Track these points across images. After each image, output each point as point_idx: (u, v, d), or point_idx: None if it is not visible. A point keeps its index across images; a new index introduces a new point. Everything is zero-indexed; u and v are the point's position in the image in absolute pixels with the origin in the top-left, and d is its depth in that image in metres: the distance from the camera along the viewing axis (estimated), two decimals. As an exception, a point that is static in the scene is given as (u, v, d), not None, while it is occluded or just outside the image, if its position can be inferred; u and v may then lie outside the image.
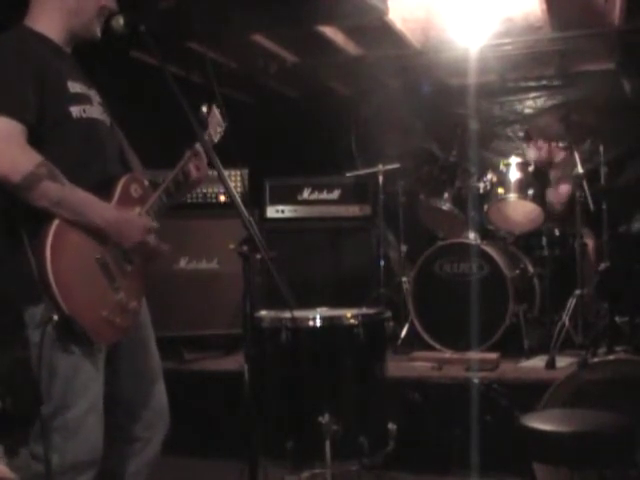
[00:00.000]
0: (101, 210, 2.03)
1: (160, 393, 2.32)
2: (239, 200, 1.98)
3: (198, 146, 2.32)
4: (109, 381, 2.12)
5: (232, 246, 2.00)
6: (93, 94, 2.19)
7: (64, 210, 1.94)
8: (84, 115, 2.09)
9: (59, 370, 1.97)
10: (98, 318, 1.98)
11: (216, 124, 2.45)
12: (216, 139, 2.46)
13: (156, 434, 2.30)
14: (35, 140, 1.96)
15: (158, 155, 2.84)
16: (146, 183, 2.26)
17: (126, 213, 2.11)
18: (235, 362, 3.85)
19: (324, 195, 5.00)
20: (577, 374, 2.78)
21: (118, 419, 2.20)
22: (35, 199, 1.90)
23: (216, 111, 2.45)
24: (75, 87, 2.10)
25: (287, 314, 2.44)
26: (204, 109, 2.39)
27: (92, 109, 2.14)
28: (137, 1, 2.40)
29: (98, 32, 2.19)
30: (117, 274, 2.06)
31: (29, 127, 1.94)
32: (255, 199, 4.84)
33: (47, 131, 2.00)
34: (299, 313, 2.48)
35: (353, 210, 4.99)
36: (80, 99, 2.10)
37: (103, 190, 2.08)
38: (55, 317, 1.88)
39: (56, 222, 1.92)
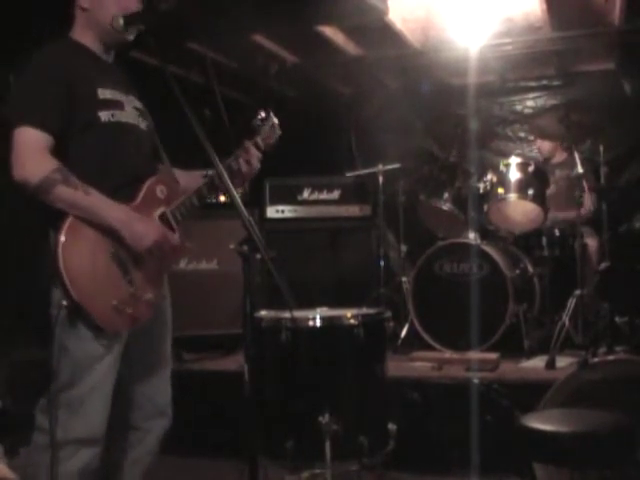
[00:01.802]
0: (114, 212, 2.14)
1: (164, 389, 2.41)
2: (239, 200, 1.99)
3: (247, 143, 2.46)
4: (121, 370, 2.22)
5: (232, 246, 2.01)
6: (129, 100, 2.31)
7: (78, 211, 2.09)
8: (112, 119, 2.22)
9: (69, 350, 2.09)
10: (108, 307, 2.09)
11: (270, 131, 2.57)
12: (268, 147, 2.56)
13: (155, 427, 2.38)
14: (64, 143, 2.12)
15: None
16: (172, 184, 2.37)
17: (141, 216, 2.20)
18: (235, 362, 3.85)
19: (324, 195, 5.00)
20: (577, 374, 2.78)
21: (119, 406, 2.26)
22: (52, 201, 2.07)
23: (273, 119, 2.57)
24: (105, 93, 2.22)
25: (287, 314, 2.44)
26: (262, 114, 2.47)
27: (122, 114, 2.26)
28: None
29: (125, 35, 2.27)
30: (132, 267, 2.18)
31: (54, 135, 2.10)
32: (255, 199, 4.83)
33: (76, 134, 2.15)
34: (299, 313, 2.48)
35: (353, 210, 5.00)
36: (109, 104, 2.22)
37: (127, 190, 2.21)
38: (64, 302, 2.03)
39: (70, 219, 2.08)
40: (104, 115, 2.20)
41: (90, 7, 2.25)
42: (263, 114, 2.53)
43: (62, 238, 2.05)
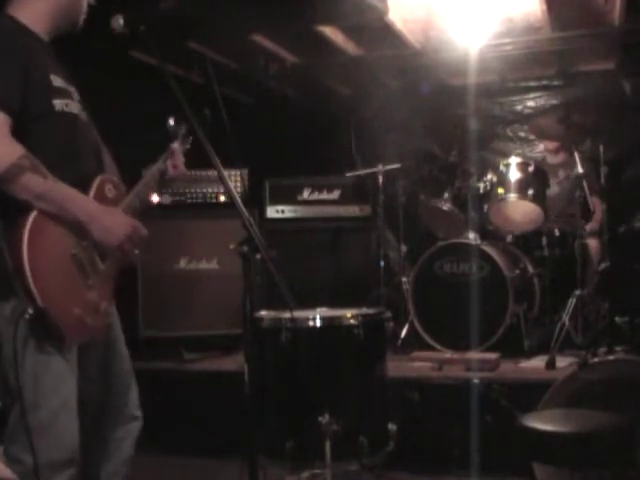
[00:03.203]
0: (84, 204, 2.02)
1: (131, 394, 2.32)
2: (239, 200, 1.99)
3: (174, 145, 2.37)
4: (79, 384, 2.09)
5: (232, 246, 2.00)
6: (73, 90, 2.17)
7: (46, 203, 1.92)
8: (66, 109, 2.08)
9: (29, 367, 1.93)
10: (70, 315, 1.95)
11: (185, 137, 2.48)
12: (184, 151, 2.48)
13: (129, 434, 2.30)
14: (19, 131, 1.93)
15: (157, 155, 2.84)
16: (119, 184, 2.25)
17: (110, 209, 2.10)
18: (235, 362, 3.85)
19: (324, 195, 5.00)
20: (577, 374, 2.78)
21: (89, 422, 2.18)
22: (17, 191, 1.89)
23: (184, 124, 2.45)
24: (57, 81, 2.08)
25: (287, 314, 2.44)
26: (172, 120, 2.41)
27: (73, 104, 2.13)
28: (137, 1, 2.40)
29: (79, 26, 2.20)
30: (90, 272, 2.04)
31: (14, 118, 1.92)
32: (255, 199, 4.84)
33: (31, 123, 1.97)
34: (299, 313, 2.47)
35: (353, 210, 5.00)
36: (62, 93, 2.09)
37: (78, 188, 2.05)
38: (30, 310, 1.85)
39: (34, 214, 1.90)
40: (58, 104, 2.04)
41: None
42: (173, 120, 2.42)
43: (26, 236, 1.85)
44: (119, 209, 2.15)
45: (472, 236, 4.43)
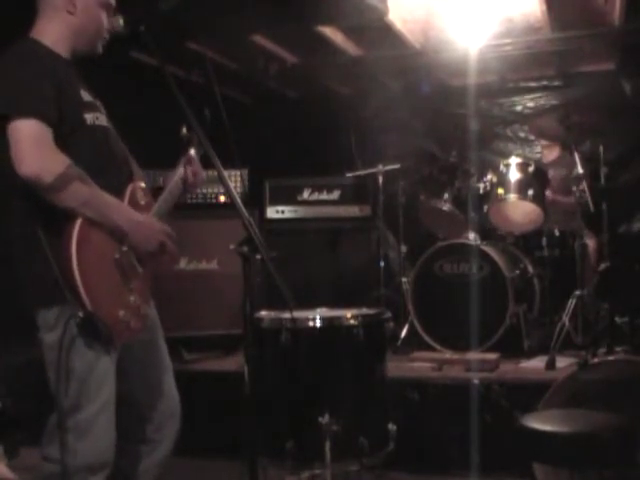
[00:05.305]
0: (125, 212, 2.09)
1: (171, 394, 2.34)
2: (239, 200, 1.99)
3: (192, 152, 2.38)
4: (120, 384, 2.14)
5: (232, 246, 2.00)
6: (99, 104, 2.24)
7: (91, 210, 1.99)
8: (97, 122, 2.15)
9: (75, 370, 2.00)
10: (116, 318, 2.01)
11: (199, 144, 2.45)
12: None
13: (167, 435, 2.32)
14: (56, 144, 1.99)
15: (157, 155, 2.84)
16: (148, 191, 2.30)
17: (146, 217, 2.16)
18: (235, 362, 3.85)
19: (324, 196, 5.00)
20: (577, 374, 2.78)
21: (130, 421, 2.22)
22: (64, 199, 1.95)
23: (197, 132, 2.46)
24: (86, 96, 2.15)
25: (287, 314, 2.45)
26: (185, 129, 2.41)
27: (102, 117, 2.19)
28: (137, 1, 2.40)
29: (100, 49, 2.24)
30: (131, 275, 2.10)
31: (54, 130, 1.99)
32: (255, 199, 4.83)
33: (65, 136, 2.03)
34: (299, 313, 2.48)
35: (353, 211, 4.99)
36: (92, 107, 2.16)
37: (112, 196, 2.11)
38: (80, 314, 1.91)
39: (80, 221, 1.96)
40: (89, 118, 2.11)
41: (80, 14, 2.14)
42: (185, 128, 2.40)
43: (75, 242, 1.93)
44: (152, 216, 2.20)
45: (472, 236, 4.43)
